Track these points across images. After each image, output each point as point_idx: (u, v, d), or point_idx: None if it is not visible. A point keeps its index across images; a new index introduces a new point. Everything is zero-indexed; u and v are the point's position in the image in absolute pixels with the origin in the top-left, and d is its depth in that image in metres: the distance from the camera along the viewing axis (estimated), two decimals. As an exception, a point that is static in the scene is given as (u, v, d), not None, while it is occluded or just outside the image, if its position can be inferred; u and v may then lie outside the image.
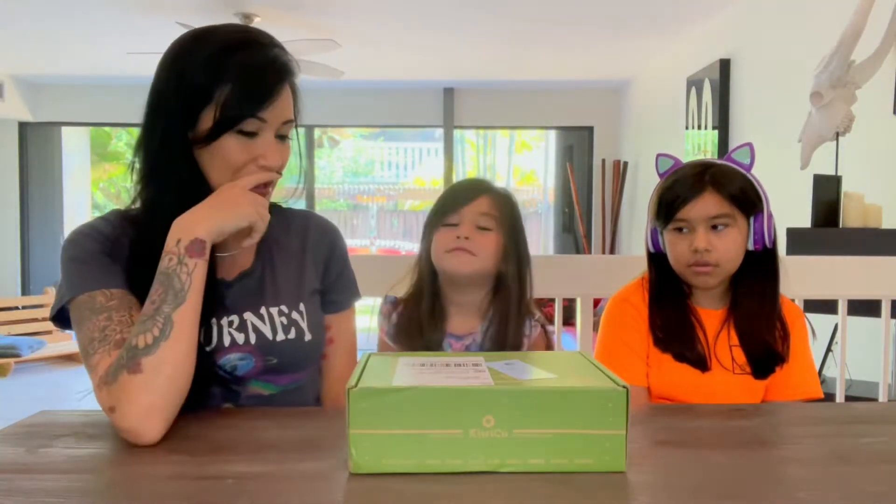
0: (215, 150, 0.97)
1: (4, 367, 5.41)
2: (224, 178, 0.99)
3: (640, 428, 1.00)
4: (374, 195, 10.35)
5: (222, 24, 1.03)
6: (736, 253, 1.27)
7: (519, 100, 6.75)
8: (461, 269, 1.26)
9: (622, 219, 6.39)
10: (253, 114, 0.96)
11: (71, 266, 1.00)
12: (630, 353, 1.31)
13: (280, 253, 1.12)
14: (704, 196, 1.25)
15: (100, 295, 0.96)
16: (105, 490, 0.74)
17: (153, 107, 1.01)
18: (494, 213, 1.28)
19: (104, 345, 0.93)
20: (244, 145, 0.98)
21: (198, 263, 0.92)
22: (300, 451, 0.84)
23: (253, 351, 1.05)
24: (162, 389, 0.87)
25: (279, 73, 0.99)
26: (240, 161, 0.98)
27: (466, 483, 0.74)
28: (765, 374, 1.30)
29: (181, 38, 1.02)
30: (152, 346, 0.88)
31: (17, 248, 6.76)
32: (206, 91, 0.95)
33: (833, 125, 2.39)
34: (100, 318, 0.95)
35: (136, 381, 0.86)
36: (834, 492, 0.73)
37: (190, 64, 0.97)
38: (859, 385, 2.33)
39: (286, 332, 1.07)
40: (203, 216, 0.94)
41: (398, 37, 5.01)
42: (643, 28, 4.67)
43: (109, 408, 0.87)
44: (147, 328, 0.89)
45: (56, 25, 4.69)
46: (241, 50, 0.97)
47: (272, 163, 1.00)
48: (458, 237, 1.25)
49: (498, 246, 1.28)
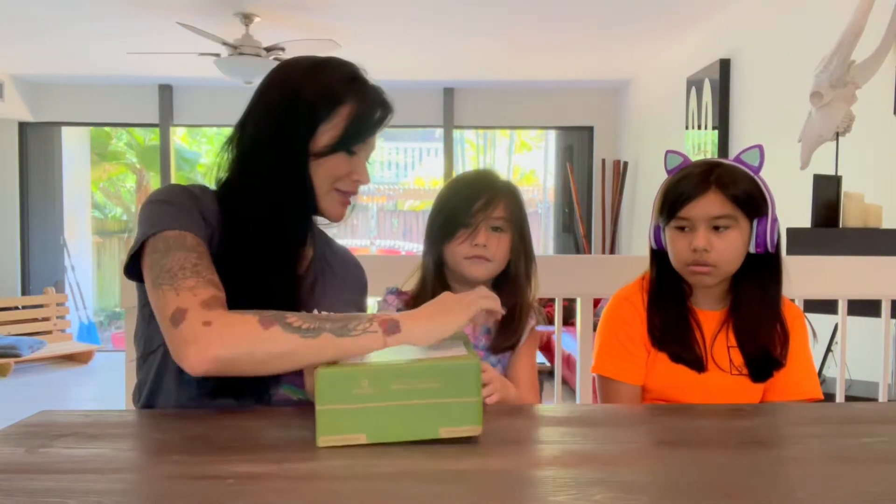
0: (324, 162, 1.09)
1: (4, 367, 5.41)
2: (324, 186, 1.10)
3: (640, 428, 1.00)
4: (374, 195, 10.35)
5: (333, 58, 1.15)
6: (735, 255, 1.26)
7: (519, 100, 6.75)
8: (479, 275, 1.29)
9: (622, 219, 6.39)
10: (364, 139, 1.12)
11: (161, 207, 1.03)
12: (627, 352, 1.31)
13: (329, 271, 1.23)
14: (708, 195, 1.24)
15: (190, 237, 1.00)
16: (105, 490, 0.74)
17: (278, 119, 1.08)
18: (506, 215, 1.30)
19: (198, 277, 0.95)
20: (347, 162, 1.11)
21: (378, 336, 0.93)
22: (300, 451, 0.84)
23: None
24: (249, 355, 0.90)
25: (387, 109, 1.14)
26: (341, 174, 1.11)
27: (468, 483, 0.74)
28: (762, 377, 1.29)
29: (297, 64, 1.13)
30: (290, 328, 0.90)
31: (17, 248, 6.76)
32: (330, 111, 1.07)
33: (833, 125, 2.39)
34: (191, 255, 0.97)
35: (256, 331, 0.90)
36: (834, 492, 0.73)
37: (317, 86, 1.08)
38: (859, 385, 2.33)
39: None
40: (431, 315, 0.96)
41: (398, 37, 5.01)
42: (643, 28, 4.67)
43: (205, 321, 0.89)
44: (305, 318, 0.92)
45: (56, 25, 4.69)
46: (357, 81, 1.11)
47: (364, 180, 1.14)
48: (475, 245, 1.27)
49: (509, 245, 1.31)
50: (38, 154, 6.85)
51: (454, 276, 1.32)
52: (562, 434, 0.91)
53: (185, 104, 6.72)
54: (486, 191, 1.29)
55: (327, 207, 1.12)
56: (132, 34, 4.83)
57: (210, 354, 0.88)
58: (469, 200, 1.28)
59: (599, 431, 0.93)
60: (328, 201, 1.12)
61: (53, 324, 6.19)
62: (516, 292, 1.31)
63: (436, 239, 1.31)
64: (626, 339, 1.32)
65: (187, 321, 0.90)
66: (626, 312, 1.33)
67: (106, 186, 10.52)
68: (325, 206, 1.12)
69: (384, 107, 1.13)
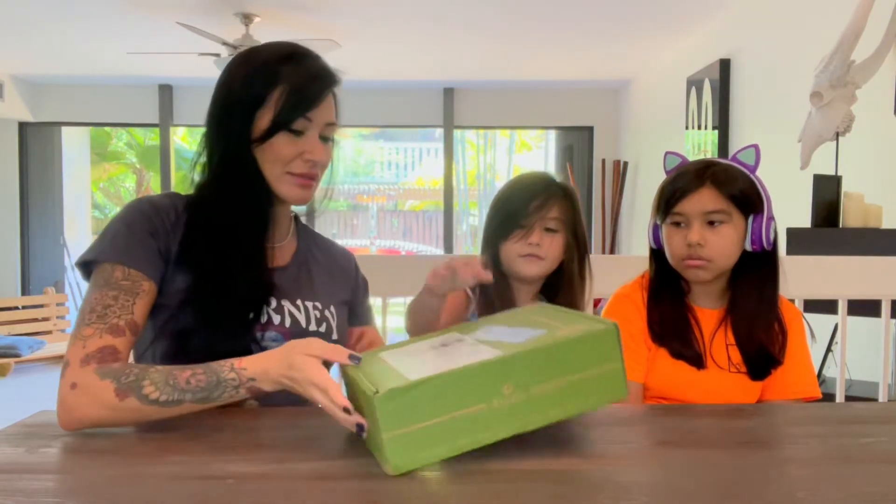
0: (268, 147, 1.08)
1: (4, 367, 5.41)
2: (275, 171, 1.09)
3: (641, 428, 1.00)
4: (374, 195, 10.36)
5: (267, 43, 1.15)
6: (730, 250, 1.27)
7: (519, 100, 6.75)
8: (532, 273, 1.34)
9: (622, 219, 6.39)
10: (302, 114, 1.08)
11: (118, 230, 1.06)
12: (628, 349, 1.31)
13: (314, 263, 1.24)
14: (702, 191, 1.25)
15: (118, 270, 1.02)
16: (105, 490, 0.74)
17: (217, 114, 1.12)
18: (561, 216, 1.34)
19: (100, 323, 0.98)
20: (293, 142, 1.09)
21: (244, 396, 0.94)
22: (300, 451, 0.84)
23: (286, 334, 1.11)
24: (110, 421, 0.92)
25: (325, 79, 1.11)
26: (289, 156, 1.09)
27: (469, 484, 0.74)
28: (760, 375, 1.30)
29: (236, 56, 1.15)
30: (147, 400, 0.91)
31: (17, 248, 6.76)
32: (262, 95, 1.07)
33: (833, 125, 2.39)
34: (108, 294, 1.00)
35: (111, 401, 0.91)
36: (834, 492, 0.73)
37: (246, 73, 1.09)
38: (859, 385, 2.33)
39: (318, 325, 1.16)
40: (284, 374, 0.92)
41: (398, 37, 5.01)
42: (643, 28, 4.68)
43: (73, 384, 0.92)
44: (164, 391, 0.92)
45: (56, 25, 4.69)
46: (292, 59, 1.10)
47: (316, 157, 1.10)
48: (529, 244, 1.32)
49: (563, 245, 1.36)
50: (38, 154, 6.86)
51: (509, 272, 1.37)
52: (561, 434, 0.91)
53: (185, 104, 6.72)
54: (542, 192, 1.34)
55: (283, 192, 1.11)
56: (132, 34, 4.84)
57: (73, 418, 0.91)
58: (525, 202, 1.33)
59: (600, 431, 0.93)
60: (282, 186, 1.10)
61: (53, 324, 6.18)
62: (572, 291, 1.37)
63: (492, 237, 1.37)
64: (626, 336, 1.31)
65: (63, 379, 0.94)
66: (627, 310, 1.34)
67: (106, 186, 10.52)
68: (280, 191, 1.10)
69: (322, 78, 1.10)
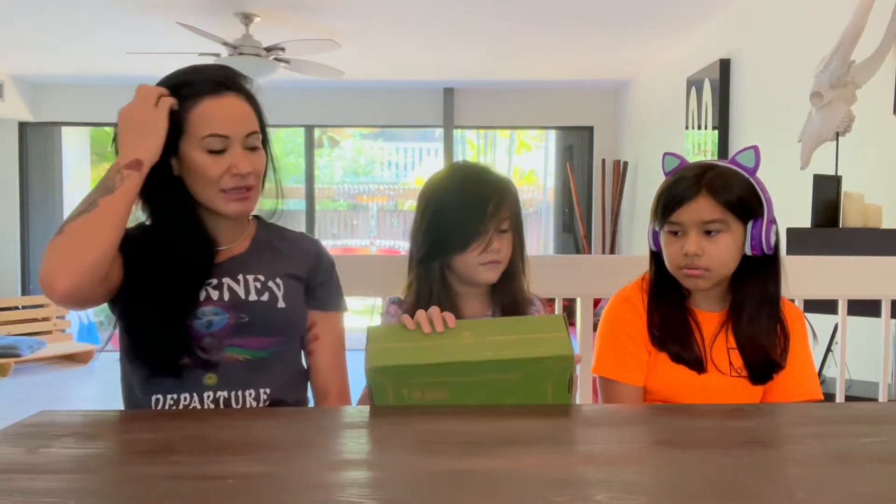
0: (195, 171, 1.13)
1: (4, 367, 5.40)
2: (207, 192, 1.15)
3: (640, 428, 1.00)
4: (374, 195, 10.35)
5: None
6: (728, 258, 1.26)
7: (519, 100, 6.75)
8: (493, 278, 1.31)
9: (622, 219, 6.39)
10: (213, 133, 1.12)
11: None
12: (628, 352, 1.31)
13: (270, 249, 1.26)
14: (698, 200, 1.23)
15: None
16: (105, 490, 0.74)
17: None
18: (510, 215, 1.30)
19: None
20: (215, 161, 1.13)
21: (132, 174, 1.08)
22: (300, 451, 0.84)
23: (225, 307, 1.16)
24: (71, 250, 1.02)
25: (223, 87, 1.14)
26: (215, 174, 1.13)
27: (469, 483, 0.74)
28: (762, 380, 1.29)
29: None
30: (74, 217, 1.05)
31: (17, 248, 6.76)
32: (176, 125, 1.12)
33: (833, 125, 2.39)
34: None
35: (55, 241, 1.04)
36: (834, 492, 0.73)
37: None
38: (859, 385, 2.33)
39: (259, 295, 1.19)
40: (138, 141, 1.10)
41: (398, 37, 5.01)
42: (643, 28, 4.67)
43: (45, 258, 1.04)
44: (77, 208, 1.06)
45: (56, 25, 4.69)
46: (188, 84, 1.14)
47: (243, 169, 1.14)
48: (490, 251, 1.27)
49: (513, 243, 1.32)
50: (38, 154, 6.85)
51: (462, 280, 1.32)
52: (562, 434, 0.91)
53: (185, 104, 6.71)
54: (494, 195, 1.28)
55: (221, 209, 1.16)
56: (132, 34, 4.83)
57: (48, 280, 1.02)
58: (480, 208, 1.26)
59: (599, 431, 0.93)
60: (218, 203, 1.16)
61: (53, 324, 6.18)
62: (514, 286, 1.33)
63: (443, 249, 1.28)
64: (626, 339, 1.31)
65: None
66: (627, 313, 1.33)
67: (106, 186, 10.51)
68: (218, 208, 1.16)
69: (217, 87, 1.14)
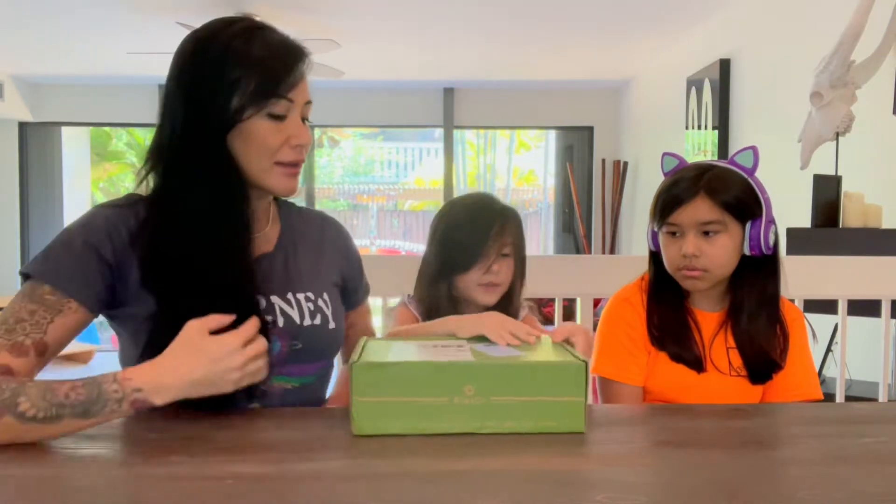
0: (249, 137, 1.00)
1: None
2: (262, 163, 1.02)
3: (640, 428, 1.00)
4: (374, 195, 10.36)
5: (220, 20, 1.05)
6: (727, 259, 1.26)
7: (519, 100, 6.75)
8: (491, 301, 1.36)
9: (622, 219, 6.39)
10: (282, 95, 1.00)
11: (58, 249, 1.00)
12: (627, 353, 1.31)
13: (301, 242, 1.16)
14: (696, 201, 1.23)
15: (44, 288, 0.96)
16: (105, 490, 0.74)
17: (173, 105, 1.03)
18: (513, 241, 1.37)
19: (8, 339, 0.93)
20: (276, 128, 1.01)
21: (128, 412, 0.88)
22: (300, 451, 0.84)
23: (280, 334, 1.06)
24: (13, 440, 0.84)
25: (297, 54, 1.02)
26: (275, 144, 1.01)
27: (469, 483, 0.74)
28: (761, 379, 1.29)
29: (190, 40, 1.04)
30: (24, 418, 0.84)
31: (18, 249, 6.75)
32: (232, 80, 0.98)
33: (833, 125, 2.39)
34: (25, 309, 0.95)
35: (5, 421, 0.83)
36: (834, 492, 0.73)
37: (209, 59, 1.00)
38: (859, 385, 2.33)
39: (312, 318, 1.10)
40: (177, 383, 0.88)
41: (398, 37, 5.01)
42: (643, 28, 4.67)
43: None
44: (40, 406, 0.84)
45: (56, 25, 4.69)
46: (257, 37, 1.01)
47: (304, 141, 1.03)
48: (489, 272, 1.34)
49: (514, 266, 1.39)
50: (38, 154, 6.85)
51: (465, 300, 1.38)
52: (561, 434, 0.91)
53: (185, 104, 6.71)
54: (497, 219, 1.36)
55: (272, 184, 1.04)
56: (132, 34, 4.83)
57: None
58: (484, 230, 1.34)
59: (599, 431, 0.93)
60: (271, 178, 1.03)
61: (53, 324, 6.19)
62: (510, 312, 1.36)
63: (449, 270, 1.36)
64: (626, 339, 1.32)
65: None
66: (626, 313, 1.33)
67: (106, 186, 10.51)
68: (269, 183, 1.03)
69: (294, 53, 1.02)
